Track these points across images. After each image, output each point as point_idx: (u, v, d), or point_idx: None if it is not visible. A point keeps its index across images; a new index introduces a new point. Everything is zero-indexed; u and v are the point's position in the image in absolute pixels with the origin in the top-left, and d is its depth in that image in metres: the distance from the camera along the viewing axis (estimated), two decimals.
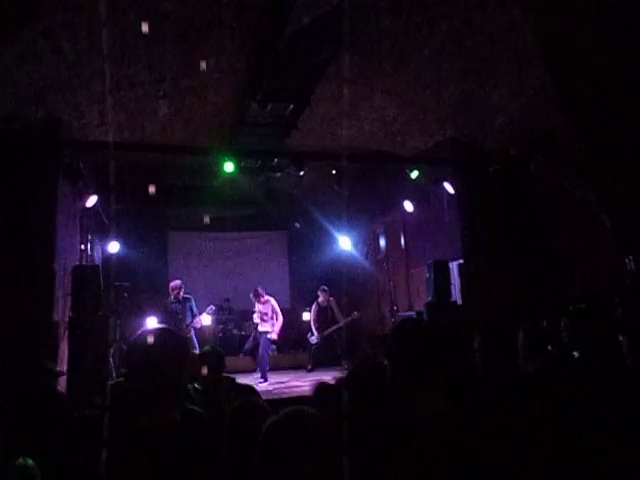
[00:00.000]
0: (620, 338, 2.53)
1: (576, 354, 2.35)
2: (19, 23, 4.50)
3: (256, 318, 8.72)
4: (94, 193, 6.75)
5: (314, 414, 1.28)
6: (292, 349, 10.60)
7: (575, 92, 5.44)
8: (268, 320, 8.56)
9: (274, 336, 8.58)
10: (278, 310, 8.71)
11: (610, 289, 5.29)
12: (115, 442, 1.41)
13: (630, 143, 5.26)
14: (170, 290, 7.62)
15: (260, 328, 8.59)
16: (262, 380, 8.04)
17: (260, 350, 8.43)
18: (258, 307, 8.67)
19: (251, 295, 8.75)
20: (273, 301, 8.74)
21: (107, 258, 8.61)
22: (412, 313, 7.97)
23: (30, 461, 2.67)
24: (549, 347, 2.66)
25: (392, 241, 9.76)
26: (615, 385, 2.07)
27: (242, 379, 8.23)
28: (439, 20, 5.32)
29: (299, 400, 5.08)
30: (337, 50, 5.53)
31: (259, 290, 8.67)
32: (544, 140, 6.25)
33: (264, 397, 3.82)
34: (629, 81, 5.06)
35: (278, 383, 8.08)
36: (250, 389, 3.90)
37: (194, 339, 7.32)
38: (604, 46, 4.89)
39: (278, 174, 7.91)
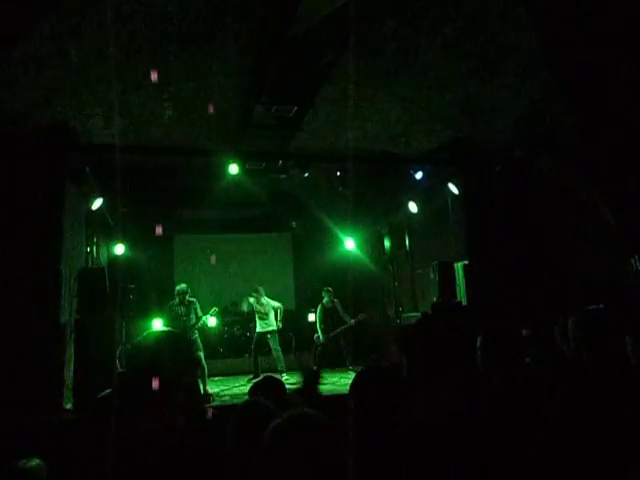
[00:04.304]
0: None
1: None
2: (25, 28, 4.54)
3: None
4: (99, 196, 6.77)
5: (318, 416, 1.28)
6: (297, 350, 10.59)
7: (578, 91, 5.42)
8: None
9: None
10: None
11: (612, 289, 5.27)
12: (120, 446, 1.40)
13: (634, 142, 5.23)
14: (175, 293, 7.64)
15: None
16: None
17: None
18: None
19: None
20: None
21: (113, 260, 8.63)
22: (417, 314, 7.95)
23: (36, 460, 2.69)
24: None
25: (397, 242, 9.75)
26: (620, 384, 2.07)
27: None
28: (442, 22, 5.32)
29: None
30: (341, 52, 5.54)
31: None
32: (547, 140, 6.23)
33: None
34: (633, 80, 5.03)
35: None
36: None
37: (199, 341, 7.35)
38: (607, 45, 4.88)
39: (282, 176, 7.92)
